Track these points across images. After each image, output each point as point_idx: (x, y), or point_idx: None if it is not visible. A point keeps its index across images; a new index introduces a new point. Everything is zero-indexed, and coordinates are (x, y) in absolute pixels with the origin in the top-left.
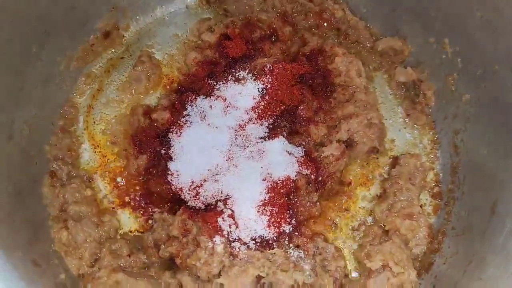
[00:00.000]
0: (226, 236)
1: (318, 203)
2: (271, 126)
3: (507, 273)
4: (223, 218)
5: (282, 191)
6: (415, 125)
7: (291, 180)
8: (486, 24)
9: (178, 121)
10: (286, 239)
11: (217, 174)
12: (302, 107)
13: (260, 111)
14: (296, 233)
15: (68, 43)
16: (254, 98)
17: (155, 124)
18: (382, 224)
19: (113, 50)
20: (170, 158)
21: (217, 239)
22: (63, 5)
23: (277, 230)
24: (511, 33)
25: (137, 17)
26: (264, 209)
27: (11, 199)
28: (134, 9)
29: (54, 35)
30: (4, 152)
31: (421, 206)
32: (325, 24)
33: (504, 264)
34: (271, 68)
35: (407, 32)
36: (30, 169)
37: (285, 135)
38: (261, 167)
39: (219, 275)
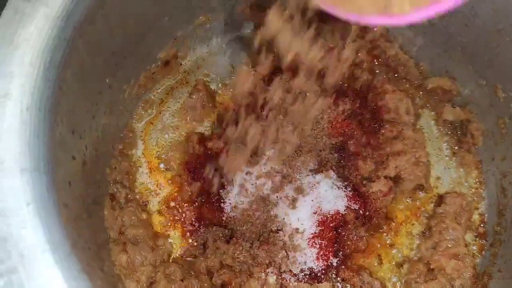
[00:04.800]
0: (278, 267)
1: (364, 238)
2: (320, 160)
3: None
4: (275, 249)
5: (331, 224)
6: (461, 164)
7: (340, 214)
8: None
9: None
10: (333, 272)
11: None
12: (351, 142)
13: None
14: (343, 267)
15: (133, 72)
16: None
17: (209, 152)
18: (427, 262)
19: (170, 78)
20: (223, 187)
21: (270, 270)
22: (135, 39)
23: (325, 263)
24: None
25: (195, 47)
26: (314, 241)
27: (81, 220)
28: (192, 40)
29: (123, 66)
30: (79, 177)
31: (466, 246)
32: (375, 61)
33: None
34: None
35: (457, 73)
36: (95, 192)
37: (334, 169)
38: (312, 200)
39: None
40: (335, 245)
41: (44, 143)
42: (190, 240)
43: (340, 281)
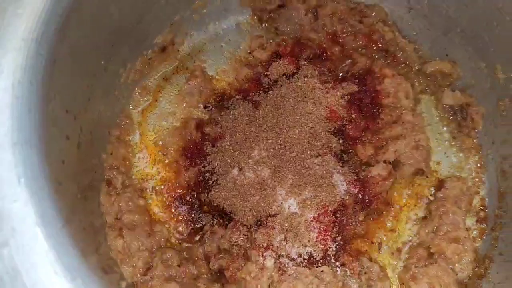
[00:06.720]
0: (275, 251)
1: (363, 222)
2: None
3: None
4: (273, 233)
5: (330, 209)
6: (461, 148)
7: (339, 199)
8: None
9: None
10: (332, 257)
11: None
12: (350, 127)
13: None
14: (342, 251)
15: (129, 56)
16: None
17: (206, 137)
18: (427, 246)
19: (167, 64)
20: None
21: (268, 253)
22: (132, 20)
23: (324, 248)
24: None
25: (192, 32)
26: (312, 226)
27: (75, 200)
28: (189, 25)
29: (119, 48)
30: (74, 158)
31: (466, 230)
32: (374, 46)
33: None
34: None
35: (457, 56)
36: (91, 177)
37: (333, 154)
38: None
39: None
40: (334, 229)
41: (36, 117)
42: (187, 226)
43: (339, 265)
